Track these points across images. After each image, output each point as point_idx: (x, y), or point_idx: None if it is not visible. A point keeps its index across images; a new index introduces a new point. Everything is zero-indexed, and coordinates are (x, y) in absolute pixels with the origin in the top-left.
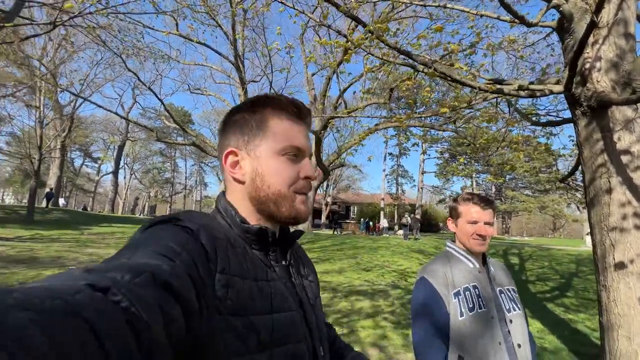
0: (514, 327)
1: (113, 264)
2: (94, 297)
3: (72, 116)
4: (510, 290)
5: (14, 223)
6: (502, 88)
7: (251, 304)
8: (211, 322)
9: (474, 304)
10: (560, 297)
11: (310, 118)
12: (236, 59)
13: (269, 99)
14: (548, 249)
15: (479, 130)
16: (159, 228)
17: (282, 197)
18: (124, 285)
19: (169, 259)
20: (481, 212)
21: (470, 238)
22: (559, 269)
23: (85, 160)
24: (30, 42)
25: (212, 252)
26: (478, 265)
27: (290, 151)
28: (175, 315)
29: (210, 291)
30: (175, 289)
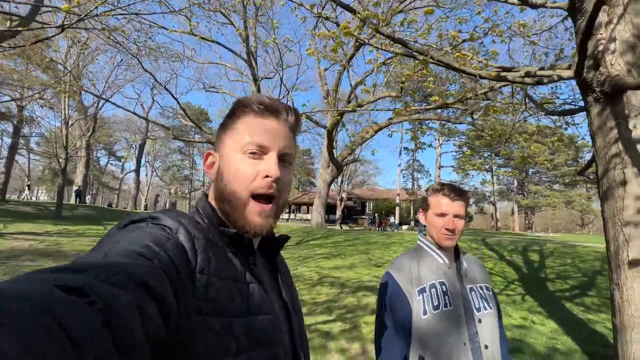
0: (482, 327)
1: (87, 262)
2: (65, 298)
3: (96, 116)
4: (483, 288)
5: (44, 219)
6: (506, 75)
7: (230, 304)
8: (191, 322)
9: (439, 301)
10: (580, 296)
11: (289, 115)
12: (249, 56)
13: (240, 100)
14: (573, 245)
15: (497, 122)
16: (136, 227)
17: (236, 199)
18: (96, 285)
19: (147, 258)
20: (450, 204)
21: (438, 232)
22: (582, 267)
23: (109, 158)
24: (54, 46)
25: (191, 251)
26: (447, 261)
27: (251, 148)
28: (153, 314)
29: (190, 291)
30: (153, 288)
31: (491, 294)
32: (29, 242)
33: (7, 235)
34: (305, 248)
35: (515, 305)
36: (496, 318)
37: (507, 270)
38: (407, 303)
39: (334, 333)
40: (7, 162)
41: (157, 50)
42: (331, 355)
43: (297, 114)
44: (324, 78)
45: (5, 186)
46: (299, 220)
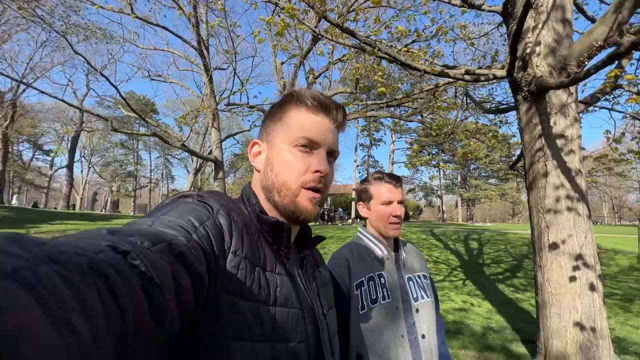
0: (420, 316)
1: (135, 228)
2: (115, 259)
3: (14, 103)
4: (421, 277)
5: None
6: (448, 72)
7: (258, 290)
8: (219, 299)
9: (377, 295)
10: (510, 278)
11: (338, 114)
12: (199, 44)
13: (294, 93)
14: (505, 233)
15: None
16: (183, 201)
17: (287, 189)
18: (142, 250)
19: (187, 231)
20: (394, 191)
21: (386, 221)
22: (513, 252)
23: (35, 152)
24: None
25: (228, 232)
26: (387, 252)
27: (302, 142)
28: (186, 285)
29: (222, 269)
30: (189, 261)
31: (429, 282)
32: None
33: None
34: None
35: (457, 290)
36: (433, 306)
37: (451, 258)
38: (344, 299)
39: None
40: None
41: (87, 29)
42: None
43: (345, 112)
44: (281, 71)
45: None
46: None
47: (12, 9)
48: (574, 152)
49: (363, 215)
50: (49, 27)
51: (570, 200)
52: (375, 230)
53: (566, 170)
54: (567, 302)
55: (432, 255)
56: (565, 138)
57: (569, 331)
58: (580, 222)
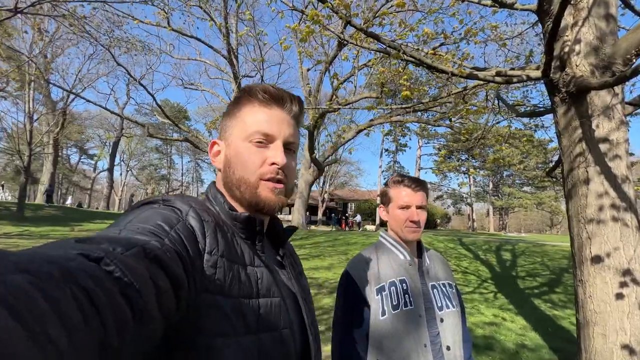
0: (444, 326)
1: (104, 236)
2: (87, 265)
3: (65, 111)
4: (446, 285)
5: (3, 220)
6: (477, 74)
7: (239, 286)
8: (199, 299)
9: (399, 301)
10: (548, 293)
11: (293, 104)
12: (229, 53)
13: (245, 89)
14: (542, 245)
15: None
16: (149, 207)
17: (245, 184)
18: (116, 256)
19: (158, 236)
20: (413, 195)
21: (403, 225)
22: (550, 265)
23: (81, 156)
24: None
25: (200, 233)
26: (409, 257)
27: (257, 137)
28: (165, 287)
29: (199, 270)
30: (165, 263)
31: (454, 292)
32: None
33: None
34: None
35: (487, 303)
36: (459, 317)
37: (481, 269)
38: (365, 303)
39: None
40: None
41: (129, 42)
42: None
43: (301, 103)
44: (307, 78)
45: None
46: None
47: (65, 25)
48: (619, 157)
49: (383, 219)
50: (96, 42)
51: (616, 209)
52: (395, 234)
53: (611, 177)
54: (613, 322)
55: (460, 265)
56: (609, 142)
57: (615, 354)
58: (628, 234)
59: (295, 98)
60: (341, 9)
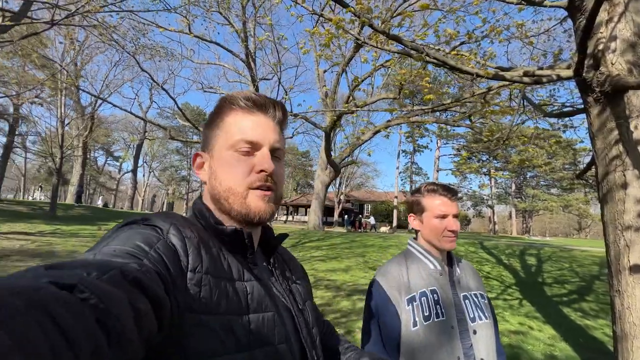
0: (478, 338)
1: (78, 261)
2: (58, 294)
3: (93, 116)
4: (478, 296)
5: (37, 218)
6: (504, 75)
7: (226, 303)
8: (184, 320)
9: (430, 311)
10: (578, 301)
11: (277, 110)
12: (247, 57)
13: (226, 97)
14: (570, 250)
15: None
16: (128, 228)
17: (232, 194)
18: (90, 281)
19: (137, 257)
20: (449, 205)
21: (440, 235)
22: (580, 271)
23: (107, 158)
24: (49, 43)
25: (182, 250)
26: (440, 267)
27: (242, 145)
28: (146, 311)
29: (182, 289)
30: (145, 286)
31: (486, 303)
32: (20, 242)
33: None
34: (302, 250)
35: (512, 310)
36: (492, 329)
37: (505, 275)
38: (395, 313)
39: None
40: (2, 161)
41: (153, 49)
42: None
43: (284, 108)
44: (323, 80)
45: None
46: (296, 222)
47: (94, 34)
48: None
49: (415, 228)
50: (122, 49)
51: None
52: (428, 243)
53: None
54: None
55: (482, 270)
56: None
57: None
58: None
59: (278, 104)
60: (363, 13)
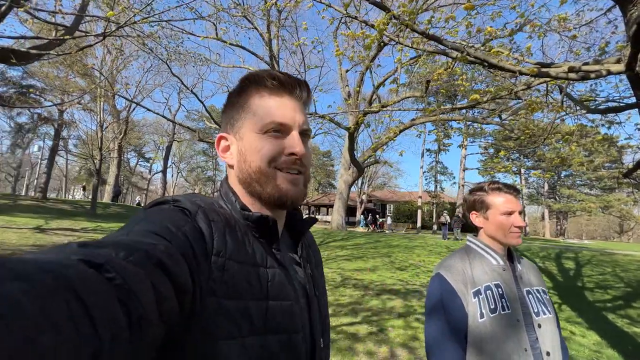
0: (542, 332)
1: (109, 240)
2: (85, 272)
3: (127, 120)
4: (540, 292)
5: (80, 216)
6: (548, 71)
7: (247, 288)
8: (205, 303)
9: (496, 304)
10: (624, 307)
11: (302, 90)
12: (271, 59)
13: (250, 77)
14: (611, 253)
15: (529, 122)
16: (158, 209)
17: (263, 175)
18: (117, 262)
19: (165, 238)
20: (515, 202)
21: (507, 231)
22: (624, 277)
23: (139, 160)
24: (91, 54)
25: (208, 234)
26: (502, 262)
27: (272, 127)
28: (168, 293)
29: (206, 272)
30: (169, 268)
31: (548, 298)
32: (68, 237)
33: (48, 231)
34: (327, 249)
35: None
36: (555, 324)
37: None
38: (461, 305)
39: (360, 335)
40: (49, 163)
41: (185, 56)
42: (359, 357)
43: (309, 88)
44: (346, 79)
45: (46, 186)
46: (319, 221)
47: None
48: None
49: (478, 225)
50: (155, 56)
51: None
52: (491, 240)
53: None
54: None
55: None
56: None
57: None
58: None
59: (303, 83)
60: (404, 16)
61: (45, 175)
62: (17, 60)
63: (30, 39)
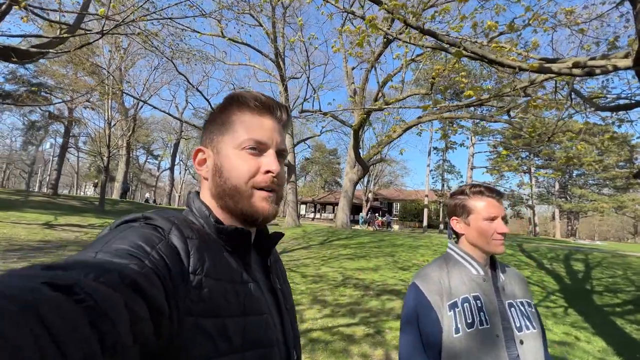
0: (525, 349)
1: (77, 260)
2: (52, 297)
3: (135, 117)
4: (524, 304)
5: (89, 212)
6: (551, 67)
7: (224, 305)
8: (182, 324)
9: (473, 318)
10: (634, 312)
11: (282, 113)
12: (277, 56)
13: (234, 97)
14: (624, 255)
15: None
16: (129, 226)
17: (238, 193)
18: (87, 283)
19: (138, 258)
20: (498, 206)
21: (490, 238)
22: (636, 280)
23: (147, 157)
24: (98, 51)
25: (184, 252)
26: (483, 272)
27: (250, 145)
28: (143, 315)
29: (182, 292)
30: (144, 289)
31: (534, 312)
32: (75, 233)
33: (56, 227)
34: (330, 248)
35: (556, 319)
36: (540, 340)
37: (547, 280)
38: (436, 319)
39: (356, 337)
40: (59, 160)
41: (189, 53)
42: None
43: (288, 111)
44: (351, 77)
45: (57, 182)
46: (324, 219)
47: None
48: None
49: (458, 232)
50: (161, 54)
51: None
52: (472, 247)
53: None
54: None
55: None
56: None
57: None
58: None
59: (283, 106)
60: (397, 9)
61: (56, 172)
62: (17, 59)
63: (32, 37)
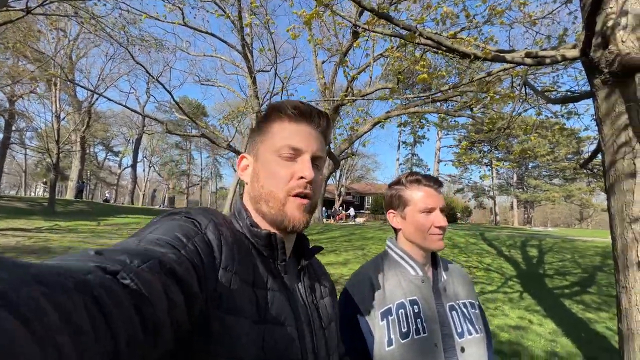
0: (466, 357)
1: (123, 247)
2: (103, 279)
3: (90, 110)
4: (467, 306)
5: (36, 215)
6: (504, 56)
7: (246, 307)
8: (210, 316)
9: (409, 327)
10: (580, 293)
11: (321, 120)
12: (244, 48)
13: (275, 105)
14: (572, 240)
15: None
16: (171, 219)
17: (274, 198)
18: (132, 269)
19: (176, 248)
20: (436, 196)
21: (427, 232)
22: (582, 262)
23: (107, 154)
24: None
25: (217, 248)
26: (422, 273)
27: (286, 151)
28: (179, 302)
29: (212, 285)
30: (180, 277)
31: (477, 313)
32: (17, 238)
33: None
34: None
35: (512, 304)
36: (484, 344)
37: (505, 267)
38: (367, 330)
39: None
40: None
41: (144, 40)
42: None
43: (328, 119)
44: (322, 71)
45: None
46: None
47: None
48: None
49: (395, 227)
50: (114, 41)
51: None
52: (410, 244)
53: None
54: None
55: (483, 262)
56: None
57: None
58: None
59: (323, 114)
60: None
61: None
62: None
63: None
